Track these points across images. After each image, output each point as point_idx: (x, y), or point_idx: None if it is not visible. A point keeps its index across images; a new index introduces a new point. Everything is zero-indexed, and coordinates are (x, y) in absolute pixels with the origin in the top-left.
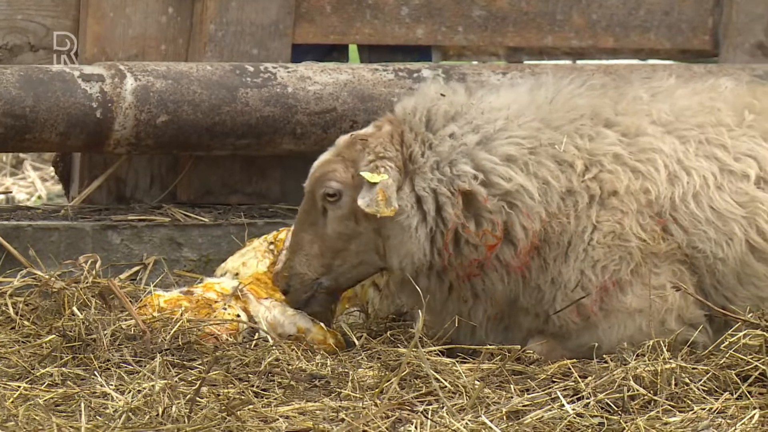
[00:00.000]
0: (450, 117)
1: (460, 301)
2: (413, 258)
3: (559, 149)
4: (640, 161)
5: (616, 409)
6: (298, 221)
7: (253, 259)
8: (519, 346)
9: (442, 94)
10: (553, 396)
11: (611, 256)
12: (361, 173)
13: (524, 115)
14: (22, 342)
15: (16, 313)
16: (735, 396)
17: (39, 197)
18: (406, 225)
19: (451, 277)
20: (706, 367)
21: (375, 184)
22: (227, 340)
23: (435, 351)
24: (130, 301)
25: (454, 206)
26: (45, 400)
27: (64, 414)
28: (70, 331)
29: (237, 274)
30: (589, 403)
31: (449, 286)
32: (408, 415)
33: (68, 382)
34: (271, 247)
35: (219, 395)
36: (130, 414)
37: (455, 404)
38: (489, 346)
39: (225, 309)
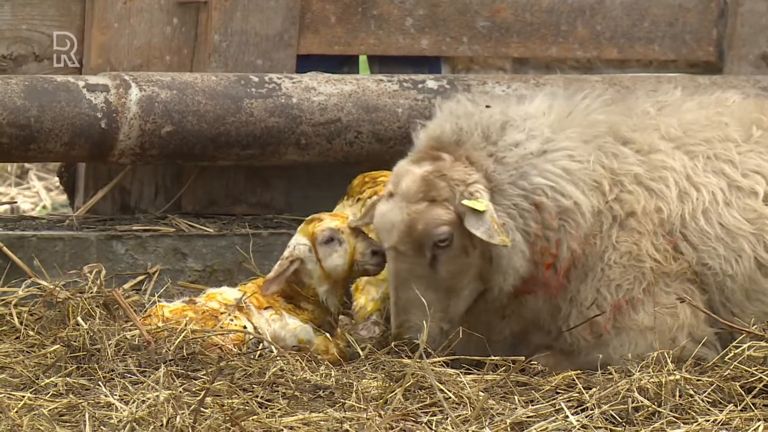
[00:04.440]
0: (505, 127)
1: (497, 316)
2: (519, 272)
3: (589, 167)
4: (653, 180)
5: (620, 420)
6: (399, 284)
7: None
8: (523, 358)
9: (487, 106)
10: (557, 407)
11: (626, 276)
12: (465, 203)
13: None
14: (27, 352)
15: (21, 323)
16: (739, 408)
17: (44, 207)
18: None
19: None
20: (710, 379)
21: (483, 212)
22: (231, 350)
23: (439, 362)
24: (135, 311)
25: (535, 220)
26: (49, 410)
27: (69, 424)
28: (75, 341)
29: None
30: (594, 414)
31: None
32: (412, 426)
33: (72, 393)
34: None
35: (223, 406)
36: (134, 424)
37: (459, 415)
38: (493, 358)
39: (232, 320)
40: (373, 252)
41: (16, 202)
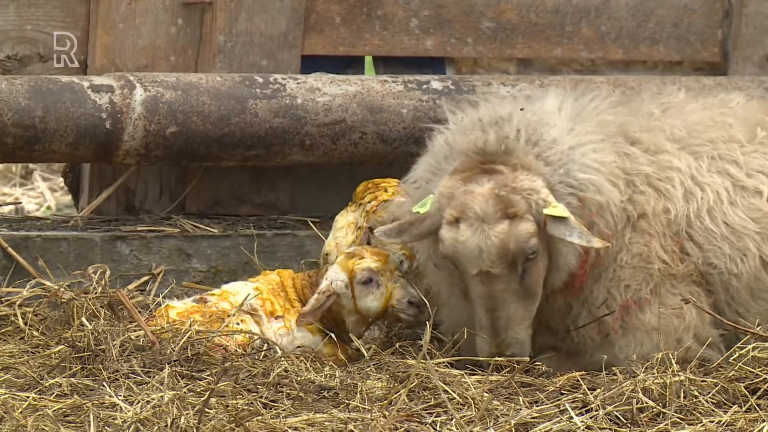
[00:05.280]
0: (538, 126)
1: None
2: (570, 270)
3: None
4: (660, 180)
5: (624, 421)
6: (495, 305)
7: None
8: (528, 358)
9: (521, 108)
10: (561, 408)
11: (635, 277)
12: (546, 212)
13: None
14: (31, 352)
15: (25, 324)
16: (744, 409)
17: (48, 208)
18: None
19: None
20: (715, 380)
21: (567, 218)
22: (236, 351)
23: (444, 363)
24: (139, 311)
25: (582, 216)
26: (54, 411)
27: (73, 425)
28: (79, 342)
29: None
30: (598, 415)
31: None
32: (416, 426)
33: (77, 393)
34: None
35: (228, 406)
36: (138, 425)
37: (464, 416)
38: (498, 358)
39: (238, 324)
40: (409, 302)
41: (20, 203)
